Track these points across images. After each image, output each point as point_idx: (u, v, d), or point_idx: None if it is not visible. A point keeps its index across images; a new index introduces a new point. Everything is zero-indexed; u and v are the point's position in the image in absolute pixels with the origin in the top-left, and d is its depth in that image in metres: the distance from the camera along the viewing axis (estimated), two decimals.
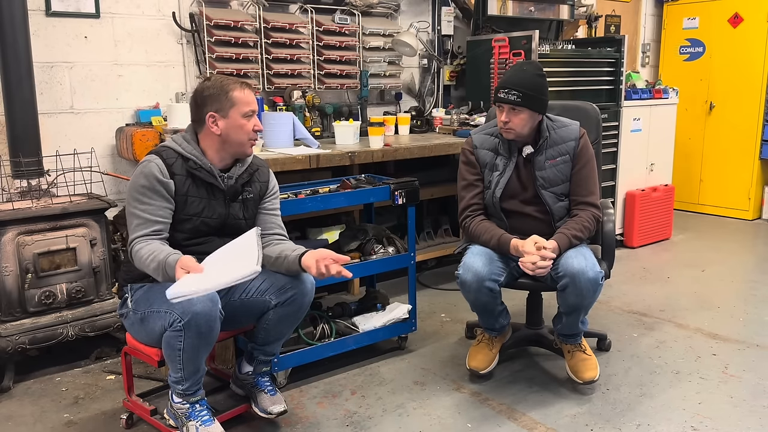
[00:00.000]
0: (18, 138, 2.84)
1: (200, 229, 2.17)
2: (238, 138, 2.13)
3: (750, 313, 3.48)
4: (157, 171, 2.07)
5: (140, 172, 2.09)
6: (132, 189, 2.09)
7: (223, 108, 2.10)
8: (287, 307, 2.22)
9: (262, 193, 2.30)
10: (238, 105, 2.10)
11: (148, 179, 2.07)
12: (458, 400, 2.57)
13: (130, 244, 2.07)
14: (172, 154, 2.12)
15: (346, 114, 3.93)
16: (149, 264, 1.99)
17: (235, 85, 2.12)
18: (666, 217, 4.98)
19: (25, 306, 2.71)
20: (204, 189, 2.16)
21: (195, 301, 1.95)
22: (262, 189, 2.29)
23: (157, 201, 2.08)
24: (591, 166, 2.61)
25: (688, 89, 5.67)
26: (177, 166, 2.11)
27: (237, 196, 2.22)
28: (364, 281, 3.30)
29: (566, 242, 2.45)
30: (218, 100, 2.10)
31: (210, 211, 2.17)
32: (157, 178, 2.07)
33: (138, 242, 2.06)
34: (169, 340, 2.02)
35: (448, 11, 4.50)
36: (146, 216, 2.07)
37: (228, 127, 2.11)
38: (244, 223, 2.25)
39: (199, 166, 2.13)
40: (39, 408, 2.55)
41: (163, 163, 2.09)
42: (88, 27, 3.22)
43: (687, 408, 2.49)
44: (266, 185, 2.31)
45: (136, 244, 2.05)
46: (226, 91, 2.10)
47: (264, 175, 2.30)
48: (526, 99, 2.46)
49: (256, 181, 2.27)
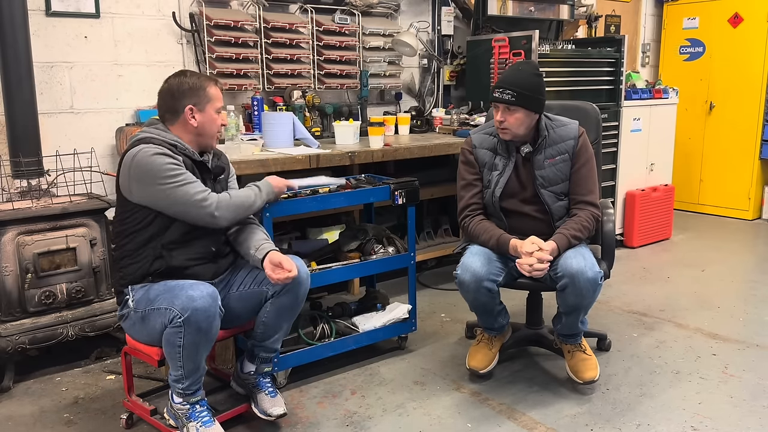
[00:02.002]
0: (18, 138, 2.84)
1: None
2: (211, 131, 2.24)
3: (750, 313, 3.48)
4: (161, 150, 2.09)
5: (149, 156, 2.07)
6: (155, 175, 2.07)
7: (200, 102, 2.20)
8: (284, 296, 2.25)
9: (227, 176, 2.40)
10: (213, 101, 2.23)
11: (163, 158, 2.08)
12: (458, 400, 2.57)
13: (209, 201, 2.12)
14: (158, 141, 2.14)
15: (346, 114, 3.93)
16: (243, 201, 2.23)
17: (209, 82, 2.24)
18: (666, 217, 4.98)
19: (25, 306, 2.71)
20: (197, 169, 2.21)
21: (195, 297, 1.98)
22: (227, 171, 2.40)
23: (184, 171, 2.12)
24: (590, 165, 2.61)
25: (688, 89, 5.67)
26: (167, 150, 2.13)
27: (218, 176, 2.32)
28: (364, 281, 3.30)
29: (565, 242, 2.45)
30: (197, 95, 2.20)
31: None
32: (168, 155, 2.09)
33: (212, 195, 2.14)
34: (169, 337, 2.03)
35: (448, 11, 4.50)
36: (192, 180, 2.13)
37: (204, 120, 2.21)
38: None
39: (185, 148, 2.19)
40: (39, 408, 2.55)
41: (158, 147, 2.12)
42: (88, 27, 3.22)
43: (687, 408, 2.49)
44: (228, 167, 2.41)
45: (214, 197, 2.14)
46: (204, 87, 2.21)
47: (225, 160, 2.42)
48: (521, 98, 2.47)
49: (223, 164, 2.38)
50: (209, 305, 2.00)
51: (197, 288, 2.02)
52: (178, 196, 2.09)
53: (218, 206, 2.14)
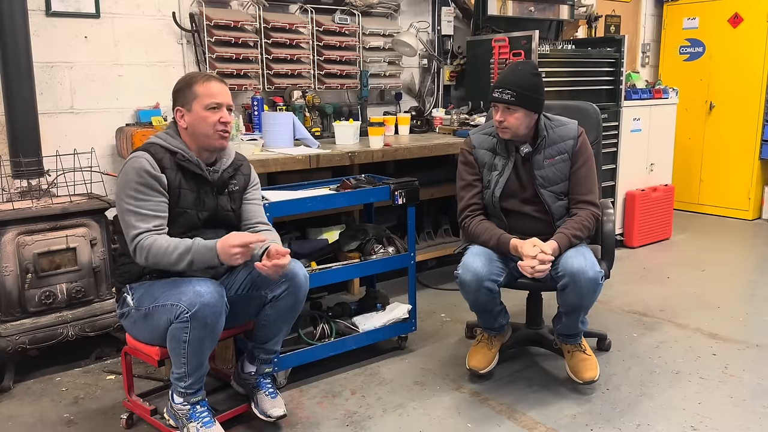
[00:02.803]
0: (18, 138, 2.84)
1: (193, 222, 2.18)
2: (203, 130, 2.14)
3: (750, 313, 3.48)
4: (148, 166, 2.06)
5: (130, 168, 2.07)
6: (125, 186, 2.06)
7: (187, 102, 2.14)
8: (283, 300, 2.24)
9: (246, 185, 2.35)
10: (200, 97, 2.12)
11: (140, 175, 2.05)
12: (458, 400, 2.57)
13: (135, 240, 2.03)
14: (160, 149, 2.13)
15: (346, 114, 3.93)
16: (171, 253, 2.01)
17: (199, 78, 2.16)
18: (666, 217, 4.98)
19: (25, 306, 2.71)
20: (193, 182, 2.18)
21: (202, 292, 1.98)
22: (245, 181, 2.35)
23: (153, 196, 2.07)
24: (590, 164, 2.61)
25: (688, 89, 5.66)
26: (166, 160, 2.12)
27: (224, 188, 2.26)
28: (364, 281, 3.30)
29: (566, 242, 2.45)
30: (183, 95, 2.15)
31: (201, 203, 2.19)
32: (149, 173, 2.06)
33: (145, 237, 2.03)
34: (174, 333, 2.03)
35: (448, 11, 4.50)
36: (145, 212, 2.06)
37: (192, 120, 2.14)
38: (233, 214, 2.29)
39: (186, 159, 2.15)
40: (39, 408, 2.55)
41: (152, 158, 2.09)
42: (88, 27, 3.22)
43: (687, 408, 2.49)
44: (249, 177, 2.36)
45: (145, 239, 2.03)
46: (189, 84, 2.14)
47: (246, 169, 2.37)
48: (521, 98, 2.47)
49: (241, 174, 2.32)
50: (216, 300, 2.01)
51: (204, 284, 2.03)
52: (123, 217, 2.08)
53: (142, 251, 2.02)
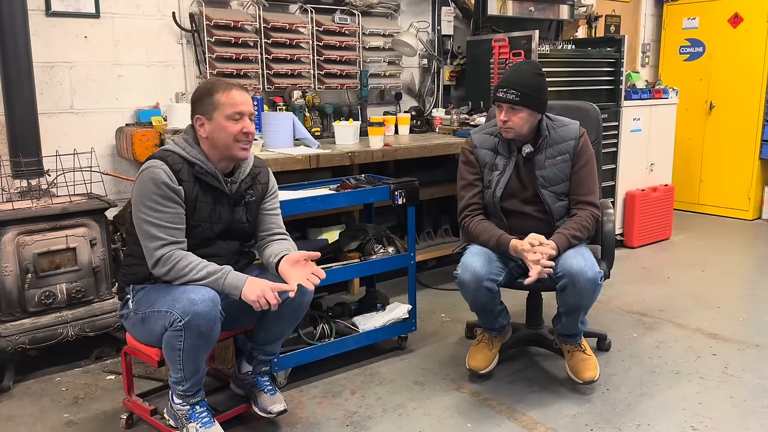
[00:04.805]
0: (18, 138, 2.84)
1: (208, 235, 2.15)
2: (223, 141, 2.08)
3: (750, 313, 3.48)
4: (166, 177, 2.02)
5: (148, 179, 2.03)
6: (143, 197, 2.03)
7: (207, 111, 2.08)
8: (286, 306, 2.21)
9: (263, 195, 2.30)
10: (222, 107, 2.07)
11: (158, 186, 2.02)
12: (458, 400, 2.57)
13: (158, 253, 2.01)
14: (178, 160, 2.08)
15: (346, 114, 3.93)
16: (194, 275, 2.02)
17: (221, 86, 2.09)
18: (666, 217, 4.98)
19: (25, 306, 2.71)
20: (210, 194, 2.14)
21: (196, 300, 1.95)
22: (263, 190, 2.29)
23: (171, 207, 2.04)
24: (590, 165, 2.61)
25: (688, 89, 5.66)
26: (184, 172, 2.07)
27: (241, 200, 2.22)
28: (364, 281, 3.30)
29: (565, 242, 2.45)
30: (203, 103, 2.09)
31: (216, 216, 2.16)
32: (168, 185, 2.02)
33: (169, 250, 2.02)
34: (169, 340, 2.01)
35: (448, 11, 4.50)
36: (164, 224, 2.02)
37: (212, 129, 2.08)
38: (248, 226, 2.25)
39: (205, 171, 2.10)
40: (39, 408, 2.55)
41: (170, 169, 2.05)
42: (88, 27, 3.22)
43: (687, 408, 2.49)
44: (266, 186, 2.31)
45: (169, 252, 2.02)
46: (210, 93, 2.08)
47: (264, 177, 2.30)
48: (525, 98, 2.47)
49: (258, 183, 2.27)
50: (210, 309, 1.98)
51: (198, 292, 1.99)
52: (141, 227, 2.04)
53: (166, 263, 2.02)
